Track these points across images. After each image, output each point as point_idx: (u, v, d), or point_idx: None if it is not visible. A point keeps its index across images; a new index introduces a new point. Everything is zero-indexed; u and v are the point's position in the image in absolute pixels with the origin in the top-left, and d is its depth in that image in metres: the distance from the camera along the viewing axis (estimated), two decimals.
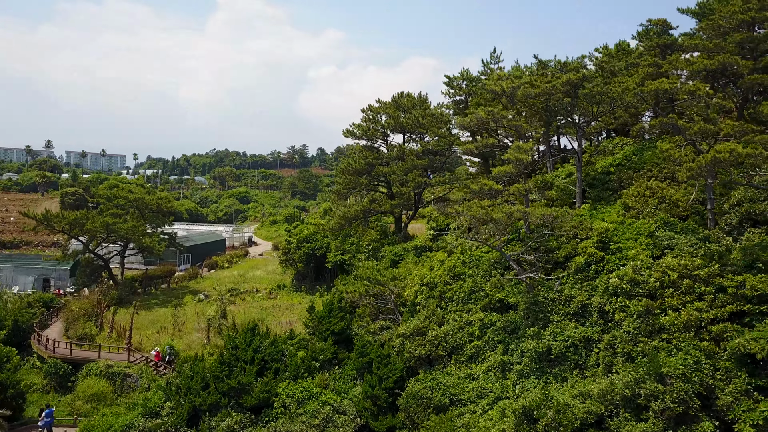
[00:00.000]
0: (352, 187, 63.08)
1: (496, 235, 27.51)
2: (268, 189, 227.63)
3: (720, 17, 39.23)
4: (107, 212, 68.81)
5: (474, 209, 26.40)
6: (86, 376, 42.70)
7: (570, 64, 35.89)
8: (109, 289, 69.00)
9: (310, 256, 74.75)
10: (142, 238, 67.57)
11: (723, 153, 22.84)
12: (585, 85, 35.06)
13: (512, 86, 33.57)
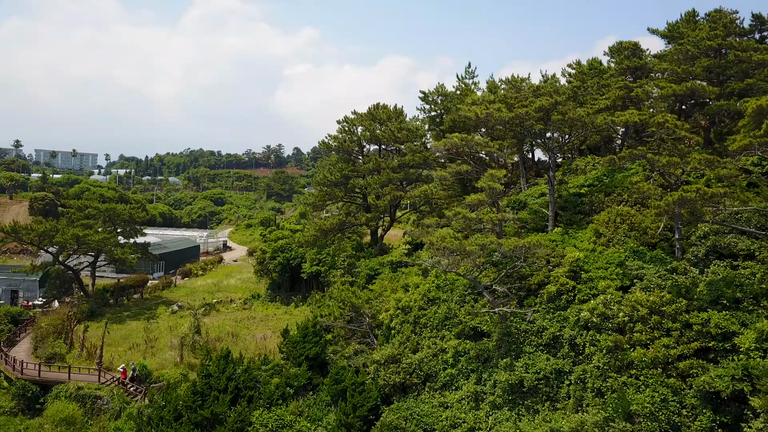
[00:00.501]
0: (328, 199, 62.95)
1: (470, 265, 27.71)
2: (243, 190, 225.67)
3: (688, 42, 40.04)
4: (78, 223, 67.53)
5: (448, 241, 26.56)
6: (55, 398, 41.90)
7: (543, 88, 36.22)
8: (80, 302, 67.81)
9: (285, 266, 74.47)
10: (113, 249, 66.49)
11: (690, 192, 23.36)
12: (559, 108, 35.50)
13: (486, 112, 33.80)
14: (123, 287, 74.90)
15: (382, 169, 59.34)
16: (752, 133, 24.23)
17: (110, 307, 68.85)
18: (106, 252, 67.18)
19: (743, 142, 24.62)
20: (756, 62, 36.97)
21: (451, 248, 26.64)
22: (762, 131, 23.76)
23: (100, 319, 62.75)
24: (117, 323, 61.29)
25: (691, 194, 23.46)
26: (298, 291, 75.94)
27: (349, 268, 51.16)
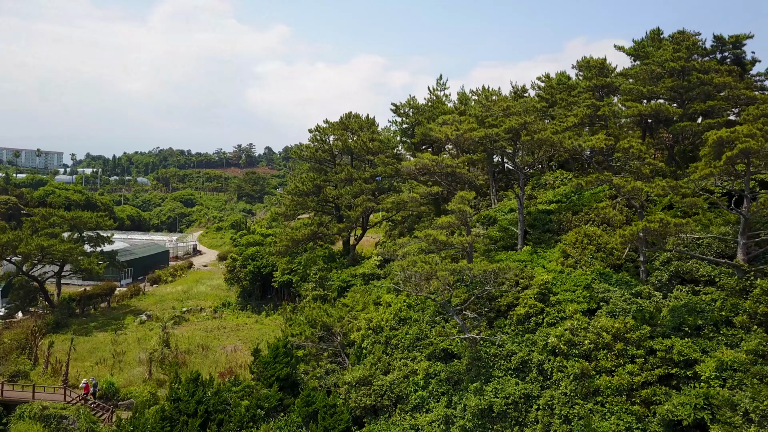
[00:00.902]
0: (300, 209, 62.71)
1: (441, 288, 27.96)
2: (213, 191, 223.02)
3: (653, 63, 41.00)
4: (42, 232, 65.98)
5: (419, 265, 26.75)
6: (19, 419, 40.92)
7: (513, 107, 36.64)
8: (45, 312, 66.29)
9: (256, 274, 74.03)
10: (80, 259, 65.14)
11: (653, 223, 23.97)
12: (528, 128, 35.95)
13: (456, 133, 34.08)
14: (90, 296, 73.41)
15: (355, 179, 59.39)
16: (713, 164, 24.94)
17: (76, 318, 67.45)
18: (71, 262, 65.77)
19: (704, 171, 25.34)
20: (717, 84, 38.06)
21: (422, 273, 26.83)
22: (722, 162, 24.48)
23: (66, 330, 61.50)
24: (83, 335, 60.13)
25: (654, 225, 24.08)
26: (269, 299, 75.53)
27: (320, 281, 51.03)
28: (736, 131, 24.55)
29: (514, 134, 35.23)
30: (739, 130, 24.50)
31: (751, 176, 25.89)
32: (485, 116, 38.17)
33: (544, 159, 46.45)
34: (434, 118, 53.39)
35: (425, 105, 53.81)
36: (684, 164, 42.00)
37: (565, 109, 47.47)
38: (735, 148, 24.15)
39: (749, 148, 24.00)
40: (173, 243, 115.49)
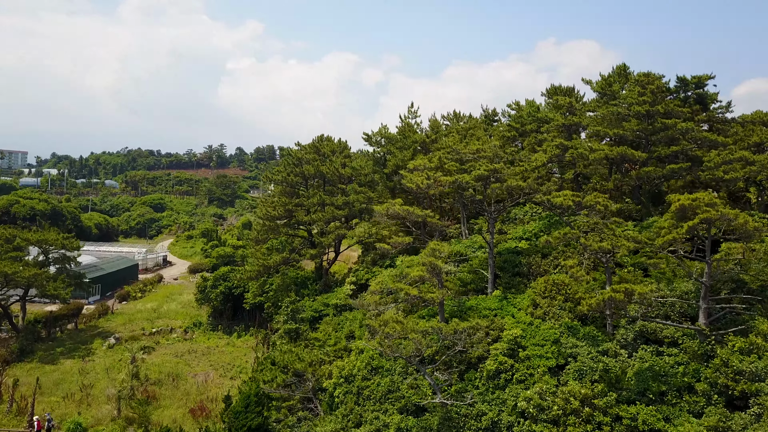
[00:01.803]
0: (271, 233, 62.38)
1: (413, 350, 28.20)
2: (183, 195, 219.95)
3: (620, 104, 41.90)
4: (6, 256, 64.36)
5: (390, 326, 26.98)
6: None
7: (483, 151, 37.04)
8: (9, 338, 64.78)
9: (227, 295, 73.55)
10: (45, 284, 63.75)
11: (618, 293, 24.62)
12: (498, 175, 36.43)
13: (427, 183, 34.39)
14: (56, 317, 71.92)
15: (327, 205, 59.36)
16: (676, 231, 25.66)
17: (42, 342, 66.06)
18: (37, 287, 64.35)
19: (668, 237, 26.06)
20: (681, 130, 39.07)
21: (394, 333, 27.06)
22: (684, 230, 25.21)
23: (32, 358, 60.22)
24: (50, 363, 59.03)
25: (619, 295, 24.74)
26: (241, 319, 75.11)
27: (292, 314, 50.93)
28: (698, 199, 25.32)
29: (485, 180, 35.67)
30: (700, 198, 25.27)
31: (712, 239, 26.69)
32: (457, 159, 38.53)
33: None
34: (406, 147, 53.62)
35: (397, 134, 54.02)
36: (651, 203, 43.09)
37: (534, 144, 48.20)
38: (696, 218, 24.92)
39: (709, 218, 24.78)
40: (143, 255, 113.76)
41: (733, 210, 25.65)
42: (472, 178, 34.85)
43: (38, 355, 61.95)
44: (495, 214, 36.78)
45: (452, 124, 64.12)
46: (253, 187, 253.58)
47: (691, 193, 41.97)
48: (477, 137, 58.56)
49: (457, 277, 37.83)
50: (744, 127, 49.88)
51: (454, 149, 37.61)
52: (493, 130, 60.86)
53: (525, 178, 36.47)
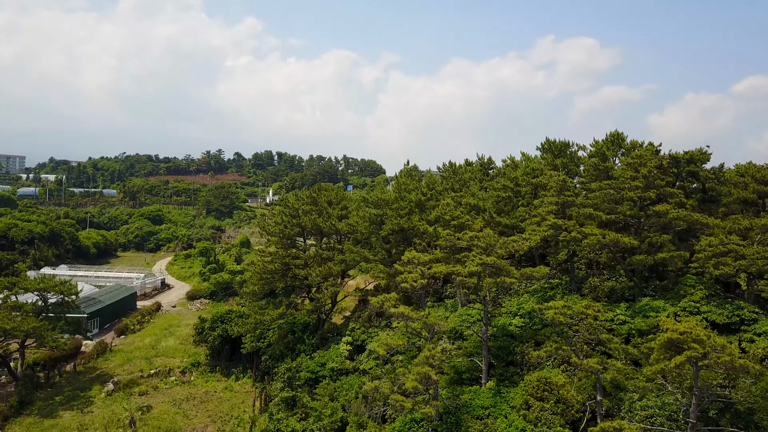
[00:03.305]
0: (268, 286, 62.75)
1: None
2: (181, 205, 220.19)
3: (614, 186, 42.31)
4: (4, 306, 64.71)
5: None
6: None
7: (478, 239, 37.47)
8: (8, 386, 65.24)
9: (225, 337, 73.99)
10: (44, 335, 64.15)
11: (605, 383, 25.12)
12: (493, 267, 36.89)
13: (422, 282, 34.85)
14: (55, 359, 72.54)
15: (324, 259, 59.81)
16: (663, 364, 26.14)
17: (41, 389, 66.54)
18: (36, 338, 64.78)
19: (656, 367, 26.54)
20: (672, 218, 39.51)
21: None
22: (672, 365, 25.68)
23: (31, 409, 60.67)
24: (48, 416, 59.56)
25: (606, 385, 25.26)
26: (239, 360, 75.62)
27: (289, 381, 51.45)
28: (686, 334, 25.76)
29: (478, 275, 36.14)
30: (688, 333, 25.70)
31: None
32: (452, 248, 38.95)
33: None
34: (401, 209, 54.00)
35: (391, 196, 54.41)
36: (644, 280, 43.59)
37: (530, 211, 48.61)
38: (683, 354, 25.40)
39: (695, 357, 25.26)
40: (141, 280, 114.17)
41: (720, 340, 26.09)
42: (465, 272, 35.30)
43: (37, 406, 62.48)
44: (490, 305, 37.25)
45: (447, 175, 64.55)
46: (251, 195, 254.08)
47: (682, 272, 42.51)
48: (472, 193, 59.01)
49: (451, 365, 38.34)
50: (737, 187, 50.45)
51: (448, 239, 37.99)
52: (488, 183, 61.26)
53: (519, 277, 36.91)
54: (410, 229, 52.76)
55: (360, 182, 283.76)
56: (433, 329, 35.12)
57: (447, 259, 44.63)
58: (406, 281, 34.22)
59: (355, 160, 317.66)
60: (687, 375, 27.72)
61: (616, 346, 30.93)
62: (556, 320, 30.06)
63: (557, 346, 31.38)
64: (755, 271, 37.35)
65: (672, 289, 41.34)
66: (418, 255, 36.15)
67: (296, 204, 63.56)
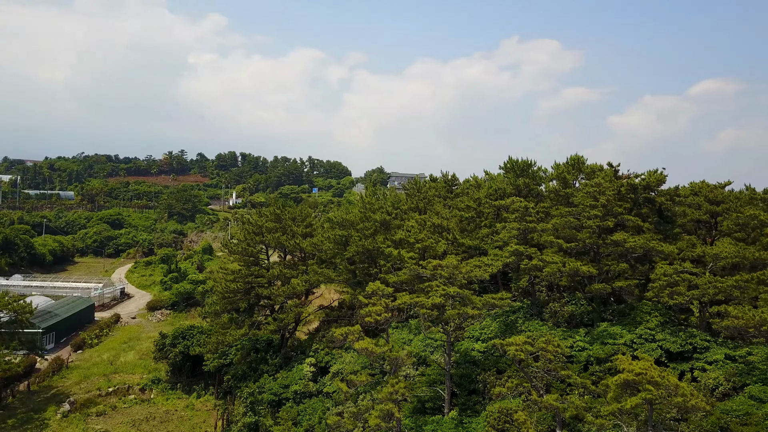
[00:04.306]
0: (230, 305, 61.95)
1: None
2: (142, 209, 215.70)
3: (574, 214, 43.16)
4: None
5: None
6: None
7: (442, 268, 37.76)
8: None
9: (186, 354, 72.81)
10: None
11: None
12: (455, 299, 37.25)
13: (385, 316, 34.96)
14: (8, 379, 70.26)
15: (287, 277, 59.40)
16: (620, 405, 26.81)
17: None
18: None
19: (613, 407, 27.18)
20: (629, 248, 40.54)
21: None
22: (629, 405, 26.35)
23: None
24: None
25: None
26: (201, 377, 74.48)
27: (251, 405, 50.97)
28: (641, 375, 26.47)
29: (440, 308, 36.43)
30: (643, 374, 26.43)
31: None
32: (415, 275, 39.17)
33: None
34: (366, 229, 54.02)
35: (356, 217, 54.37)
36: (603, 304, 44.62)
37: (493, 233, 49.21)
38: (638, 395, 26.10)
39: (650, 398, 25.98)
40: (99, 290, 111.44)
41: (673, 380, 26.89)
42: (429, 306, 35.54)
43: None
44: (452, 335, 37.59)
45: (412, 192, 64.87)
46: (214, 198, 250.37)
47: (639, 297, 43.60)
48: (436, 211, 59.43)
49: (414, 394, 38.53)
50: (690, 207, 52.03)
51: (413, 269, 38.21)
52: (452, 202, 61.77)
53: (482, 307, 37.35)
54: (375, 250, 52.81)
55: (325, 184, 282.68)
56: (396, 363, 35.37)
57: (411, 283, 44.88)
58: (369, 315, 34.24)
59: (321, 161, 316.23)
60: (642, 410, 28.44)
61: (575, 381, 31.57)
62: (517, 357, 30.52)
63: (518, 382, 31.86)
64: (707, 300, 38.56)
65: (629, 314, 42.36)
66: (381, 287, 36.23)
67: (260, 221, 62.93)
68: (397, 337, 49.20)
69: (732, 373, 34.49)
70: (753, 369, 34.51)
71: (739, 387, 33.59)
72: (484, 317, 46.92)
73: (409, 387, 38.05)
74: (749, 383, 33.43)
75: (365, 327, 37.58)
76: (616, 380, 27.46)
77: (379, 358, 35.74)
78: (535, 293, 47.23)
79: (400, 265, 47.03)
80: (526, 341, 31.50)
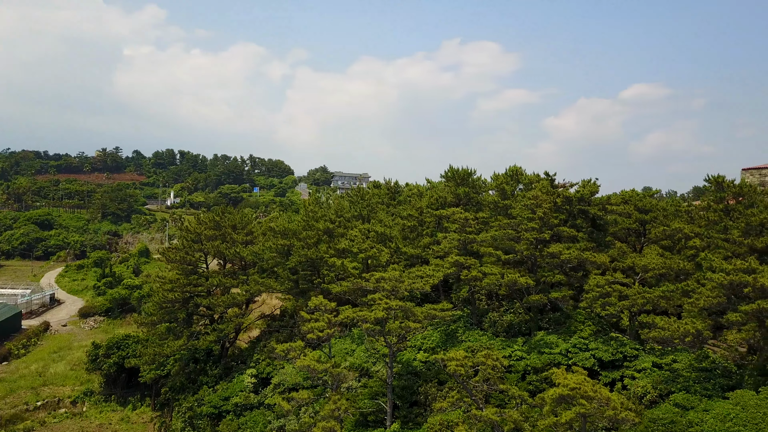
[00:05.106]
0: (167, 316, 60.19)
1: None
2: (74, 209, 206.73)
3: (512, 226, 44.30)
4: None
5: None
6: None
7: (385, 281, 37.99)
8: None
9: (121, 365, 70.40)
10: None
11: None
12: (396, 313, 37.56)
13: (328, 331, 34.86)
14: None
15: (227, 287, 58.34)
16: (556, 419, 27.74)
17: None
18: None
19: (549, 421, 28.09)
20: (563, 261, 41.98)
21: None
22: (564, 420, 27.29)
23: None
24: None
25: None
26: (137, 388, 72.12)
27: (190, 420, 49.80)
28: (575, 390, 27.49)
29: (382, 323, 36.66)
30: (577, 389, 27.44)
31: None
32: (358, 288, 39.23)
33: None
34: (309, 238, 53.70)
35: (300, 222, 53.94)
36: (540, 316, 45.96)
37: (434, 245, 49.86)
38: (572, 410, 27.10)
39: (584, 413, 27.01)
40: (27, 296, 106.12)
41: (605, 392, 28.06)
42: (372, 320, 35.69)
43: None
44: (395, 347, 37.88)
45: (355, 200, 64.91)
46: (151, 197, 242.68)
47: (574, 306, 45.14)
48: (379, 219, 59.70)
49: (357, 407, 38.62)
50: (621, 216, 54.34)
51: (356, 282, 38.30)
52: (394, 210, 62.18)
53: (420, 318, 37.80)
54: (318, 260, 52.56)
55: (267, 183, 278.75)
56: (338, 379, 35.33)
57: (355, 293, 44.99)
58: (312, 332, 34.07)
59: (263, 159, 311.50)
60: (575, 422, 29.49)
61: (513, 393, 32.41)
62: (458, 372, 31.07)
63: (458, 397, 32.45)
64: (636, 310, 40.37)
65: (564, 323, 43.82)
66: (324, 301, 36.13)
67: (198, 228, 61.49)
68: (339, 347, 49.13)
69: (659, 381, 36.23)
70: (678, 376, 36.34)
71: (665, 394, 35.31)
72: (426, 327, 47.54)
73: (351, 400, 38.24)
74: (674, 390, 35.20)
75: (308, 340, 37.37)
76: (551, 394, 28.37)
77: (321, 374, 35.61)
78: (475, 302, 48.20)
79: (344, 275, 47.00)
80: (467, 356, 32.11)
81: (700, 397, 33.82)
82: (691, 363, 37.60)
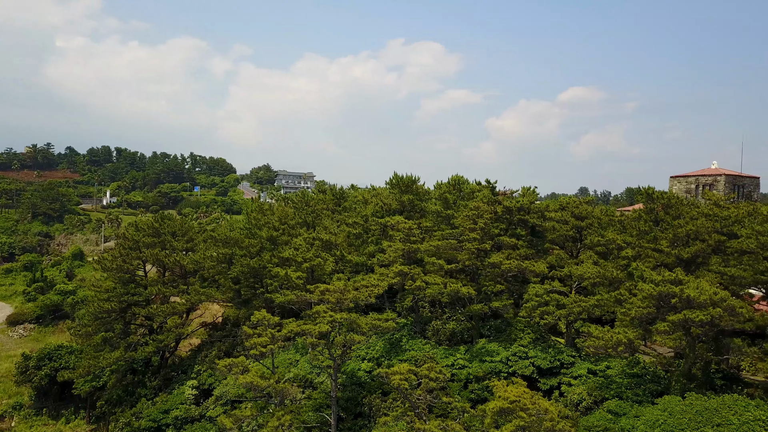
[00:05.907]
0: (103, 326, 58.08)
1: None
2: (1, 208, 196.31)
3: (455, 236, 45.07)
4: None
5: None
6: None
7: (330, 293, 37.96)
8: None
9: (53, 377, 67.54)
10: None
11: None
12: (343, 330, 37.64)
13: (270, 347, 34.55)
14: None
15: (166, 296, 56.86)
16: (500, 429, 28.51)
17: None
18: None
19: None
20: (504, 271, 43.08)
21: None
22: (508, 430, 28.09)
23: None
24: None
25: None
26: (70, 400, 69.31)
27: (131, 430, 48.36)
28: (515, 403, 28.33)
29: (327, 336, 36.63)
30: (516, 402, 28.30)
31: None
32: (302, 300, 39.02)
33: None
34: (252, 246, 52.98)
35: (241, 234, 53.10)
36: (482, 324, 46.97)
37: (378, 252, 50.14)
38: (512, 422, 27.93)
39: (523, 425, 27.87)
40: None
41: (543, 404, 29.04)
42: (316, 334, 35.60)
43: None
44: (339, 359, 37.91)
45: (300, 206, 64.45)
46: (86, 196, 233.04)
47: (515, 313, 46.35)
48: (325, 226, 59.49)
49: (301, 420, 38.43)
50: (559, 223, 56.15)
51: (300, 294, 38.12)
52: (339, 217, 62.09)
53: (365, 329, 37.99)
54: (261, 269, 51.93)
55: (209, 182, 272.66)
56: (282, 394, 35.07)
57: (299, 303, 44.75)
58: (255, 347, 33.68)
59: (204, 158, 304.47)
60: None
61: (456, 405, 33.05)
62: (402, 386, 31.43)
63: (403, 410, 32.82)
64: (572, 318, 41.85)
65: (505, 331, 44.94)
66: (268, 316, 35.75)
67: (136, 235, 59.63)
68: (283, 357, 48.74)
69: (593, 388, 37.71)
70: (611, 383, 37.92)
71: (600, 401, 36.78)
72: (370, 337, 47.74)
73: (295, 413, 38.04)
74: (608, 397, 36.73)
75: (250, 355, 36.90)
76: (492, 407, 29.09)
77: (265, 389, 35.26)
78: (419, 310, 48.80)
79: (288, 285, 46.64)
80: (410, 368, 32.53)
81: (631, 404, 35.42)
82: (623, 369, 39.32)
